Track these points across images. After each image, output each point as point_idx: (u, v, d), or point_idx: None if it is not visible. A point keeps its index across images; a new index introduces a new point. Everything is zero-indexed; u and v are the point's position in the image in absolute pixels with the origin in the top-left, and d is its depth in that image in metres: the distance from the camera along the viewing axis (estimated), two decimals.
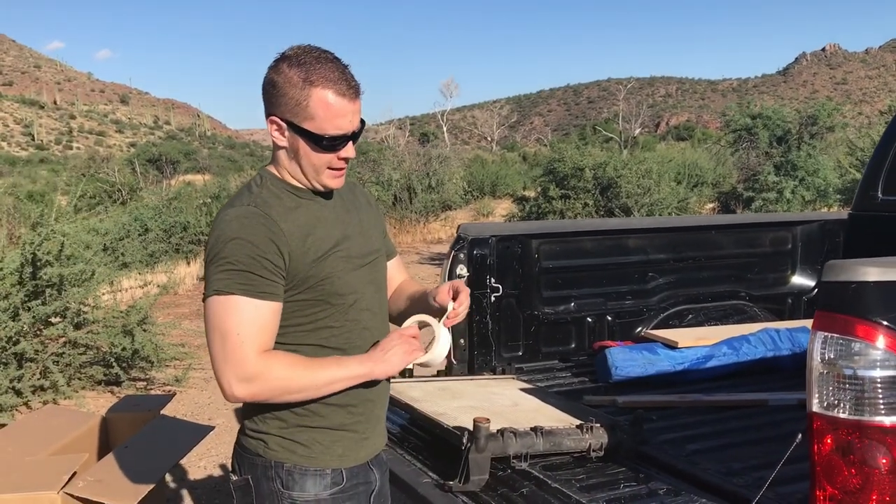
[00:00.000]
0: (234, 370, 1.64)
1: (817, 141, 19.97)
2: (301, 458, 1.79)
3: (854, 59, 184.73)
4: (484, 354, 3.54)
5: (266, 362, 1.66)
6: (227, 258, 1.66)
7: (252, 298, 1.66)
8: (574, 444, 2.47)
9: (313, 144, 1.74)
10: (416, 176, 20.53)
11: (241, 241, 1.66)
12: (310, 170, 1.78)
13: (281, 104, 1.73)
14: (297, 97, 1.70)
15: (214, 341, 1.67)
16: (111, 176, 23.17)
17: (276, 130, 1.76)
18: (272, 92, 1.73)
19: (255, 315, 1.66)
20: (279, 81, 1.72)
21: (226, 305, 1.65)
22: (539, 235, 3.73)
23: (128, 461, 3.25)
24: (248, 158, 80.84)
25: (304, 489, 1.79)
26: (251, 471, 1.81)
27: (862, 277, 1.74)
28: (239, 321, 1.65)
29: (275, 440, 1.79)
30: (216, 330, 1.66)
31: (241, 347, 1.64)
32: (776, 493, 2.07)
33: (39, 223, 6.65)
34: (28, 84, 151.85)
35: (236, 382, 1.65)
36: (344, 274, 1.80)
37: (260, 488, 1.80)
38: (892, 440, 1.71)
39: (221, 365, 1.65)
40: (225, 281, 1.65)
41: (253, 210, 1.72)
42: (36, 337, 6.37)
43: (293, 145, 1.76)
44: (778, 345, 3.47)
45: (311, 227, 1.79)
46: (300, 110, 1.71)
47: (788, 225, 4.30)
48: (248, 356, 1.64)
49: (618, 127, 69.76)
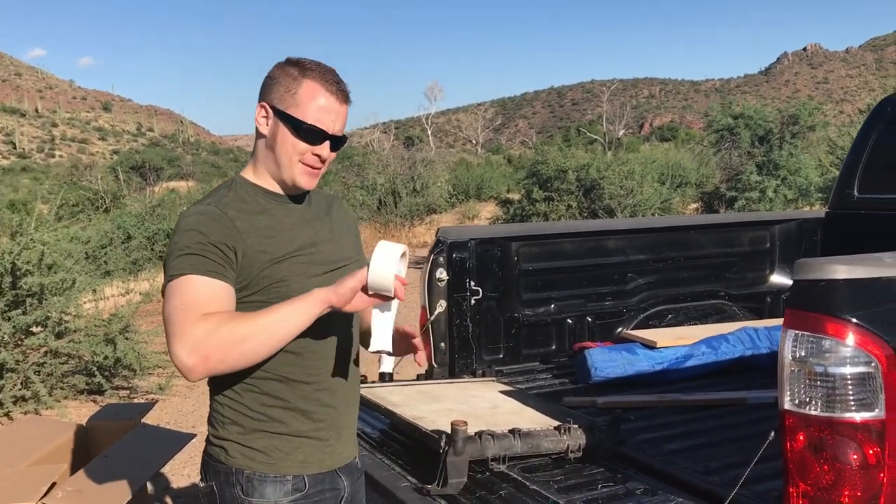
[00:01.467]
0: (182, 338, 1.58)
1: (799, 140, 20.10)
2: (260, 464, 1.78)
3: (835, 58, 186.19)
4: (464, 357, 3.54)
5: (206, 319, 1.60)
6: (179, 246, 1.69)
7: (201, 276, 1.66)
8: (552, 445, 2.48)
9: (293, 130, 1.78)
10: (400, 180, 20.54)
11: (194, 232, 1.70)
12: (284, 159, 1.81)
13: (273, 92, 1.81)
14: (288, 85, 1.79)
15: (166, 322, 1.63)
16: (94, 184, 23.09)
17: (263, 116, 1.82)
18: (268, 83, 1.82)
19: (203, 289, 1.65)
20: (277, 73, 1.82)
21: (177, 286, 1.65)
22: (518, 238, 3.74)
23: (108, 470, 3.23)
24: (232, 164, 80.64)
25: (264, 496, 1.78)
26: (215, 477, 1.81)
27: (831, 275, 1.76)
28: (186, 295, 1.63)
29: (234, 447, 1.79)
30: (166, 312, 1.64)
31: (186, 315, 1.60)
32: (751, 491, 2.08)
33: (19, 232, 6.60)
34: (9, 92, 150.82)
35: (185, 347, 1.57)
36: (302, 279, 1.78)
37: (223, 495, 1.80)
38: (863, 436, 1.73)
39: (172, 339, 1.59)
40: (177, 267, 1.67)
41: (211, 209, 1.76)
42: (16, 347, 6.32)
43: (273, 131, 1.81)
44: (756, 343, 3.49)
45: (271, 230, 1.80)
46: (288, 97, 1.79)
47: (766, 224, 4.33)
48: (192, 319, 1.60)
49: (602, 128, 70.11)
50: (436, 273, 3.44)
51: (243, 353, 1.63)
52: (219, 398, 1.81)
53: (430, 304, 3.44)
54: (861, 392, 1.73)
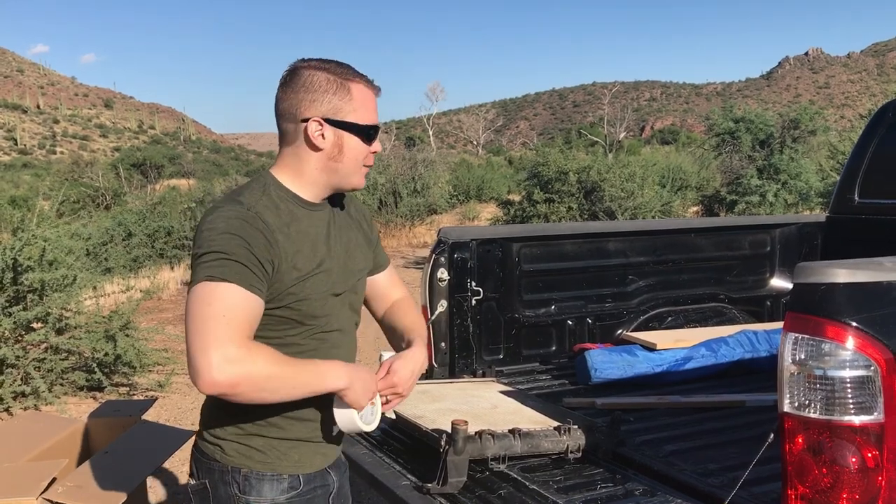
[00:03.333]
0: (219, 350, 1.53)
1: (800, 144, 20.12)
2: (257, 463, 1.79)
3: (836, 63, 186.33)
4: (465, 357, 3.55)
5: (251, 347, 1.58)
6: (222, 250, 1.62)
7: (244, 289, 1.61)
8: (552, 445, 2.49)
9: (360, 135, 1.77)
10: (401, 180, 20.54)
11: (238, 238, 1.64)
12: (350, 168, 1.79)
13: (320, 103, 1.74)
14: (337, 93, 1.74)
15: (199, 324, 1.56)
16: (95, 181, 23.09)
17: (318, 132, 1.75)
18: (306, 97, 1.74)
19: (246, 304, 1.61)
20: (310, 84, 1.74)
21: (217, 290, 1.58)
22: (519, 239, 3.75)
23: (108, 466, 3.24)
24: (233, 163, 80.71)
25: (261, 494, 1.79)
26: (208, 475, 1.81)
27: (831, 279, 1.77)
28: (228, 306, 1.58)
29: (231, 446, 1.80)
30: (202, 313, 1.56)
31: (229, 328, 1.55)
32: (750, 493, 2.09)
33: (20, 228, 6.60)
34: (11, 88, 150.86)
35: (220, 363, 1.52)
36: (322, 297, 1.78)
37: (217, 492, 1.80)
38: (862, 439, 1.74)
39: (205, 346, 1.53)
40: (219, 269, 1.60)
41: (252, 214, 1.69)
42: (17, 342, 6.32)
43: (336, 143, 1.76)
44: (756, 346, 3.50)
45: (300, 243, 1.76)
46: (343, 105, 1.75)
47: (767, 228, 4.34)
48: (235, 337, 1.55)
49: (603, 131, 70.10)
50: (437, 273, 3.45)
51: (263, 395, 1.62)
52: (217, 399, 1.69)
53: (430, 304, 3.45)
54: (860, 395, 1.74)
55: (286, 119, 1.78)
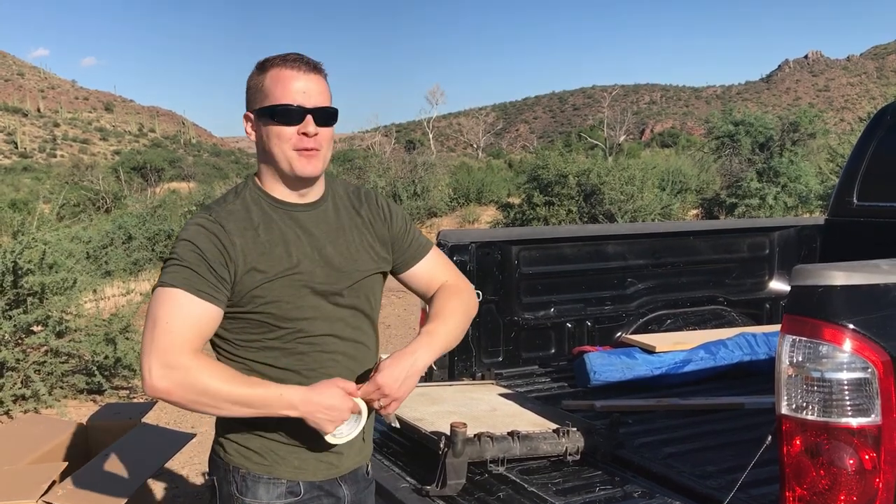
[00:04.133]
0: (157, 357, 1.60)
1: (799, 147, 20.16)
2: (255, 465, 1.79)
3: (836, 66, 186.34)
4: (464, 360, 3.55)
5: (191, 359, 1.62)
6: (175, 257, 1.69)
7: (190, 294, 1.66)
8: (550, 448, 2.49)
9: (269, 119, 1.73)
10: (401, 183, 20.57)
11: (192, 245, 1.69)
12: (276, 151, 1.75)
13: (248, 100, 1.79)
14: (255, 84, 1.77)
15: (147, 329, 1.65)
16: (95, 184, 23.10)
17: (249, 126, 1.81)
18: (246, 95, 1.81)
19: (190, 310, 1.66)
20: (248, 82, 1.80)
21: (165, 296, 1.66)
22: (519, 241, 3.75)
23: (107, 469, 3.25)
24: (233, 166, 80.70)
25: (256, 496, 1.78)
26: (216, 472, 1.85)
27: (829, 281, 1.77)
28: (172, 312, 1.64)
29: (232, 445, 1.81)
30: (150, 318, 1.65)
31: (169, 335, 1.62)
32: (748, 495, 2.10)
33: (20, 231, 6.61)
34: (11, 92, 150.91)
35: (157, 369, 1.59)
36: (296, 298, 1.75)
37: (221, 490, 1.83)
38: (859, 441, 1.74)
39: (146, 350, 1.62)
40: (170, 275, 1.68)
41: (211, 222, 1.73)
42: (17, 346, 6.33)
43: (260, 134, 1.77)
44: (755, 349, 3.50)
45: (270, 244, 1.75)
46: (258, 94, 1.76)
47: (766, 230, 4.34)
48: (174, 345, 1.61)
49: (603, 134, 70.12)
50: None
51: (200, 406, 1.64)
52: None
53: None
54: (858, 397, 1.74)
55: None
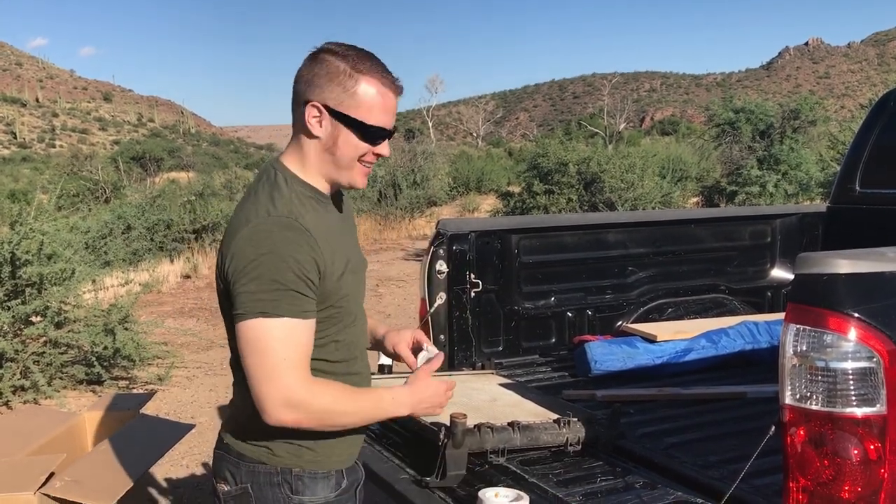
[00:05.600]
0: (280, 395, 1.59)
1: (800, 135, 20.09)
2: (308, 462, 1.77)
3: (837, 53, 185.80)
4: (464, 350, 3.54)
5: (311, 389, 1.64)
6: (273, 277, 1.58)
7: (298, 319, 1.61)
8: (551, 438, 2.47)
9: (357, 133, 1.68)
10: (401, 172, 20.51)
11: (287, 259, 1.60)
12: (343, 162, 1.71)
13: (324, 90, 1.66)
14: (344, 83, 1.66)
15: (259, 364, 1.60)
16: (94, 174, 23.04)
17: (315, 117, 1.68)
18: (313, 79, 1.67)
19: (300, 336, 1.63)
20: (322, 69, 1.67)
21: (273, 328, 1.59)
22: (519, 230, 3.73)
23: (106, 460, 3.23)
24: (232, 156, 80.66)
25: (315, 493, 1.77)
26: (251, 478, 1.76)
27: (833, 269, 1.75)
28: (286, 344, 1.60)
29: (281, 446, 1.75)
30: (263, 352, 1.59)
31: (289, 373, 1.60)
32: (751, 486, 2.08)
33: (18, 221, 6.58)
34: (9, 82, 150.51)
35: (282, 408, 1.60)
36: (355, 292, 1.81)
37: (263, 495, 1.75)
38: (864, 431, 1.72)
39: (266, 388, 1.59)
40: (272, 303, 1.59)
41: (291, 222, 1.64)
42: (16, 336, 6.32)
43: (332, 134, 1.69)
44: (757, 337, 3.48)
45: (332, 239, 1.73)
46: (346, 97, 1.66)
47: (767, 218, 4.32)
48: (295, 382, 1.61)
49: (603, 122, 70.04)
50: (436, 265, 3.43)
51: (322, 427, 1.70)
52: None
53: (429, 296, 3.44)
54: (862, 387, 1.72)
55: (294, 101, 1.72)
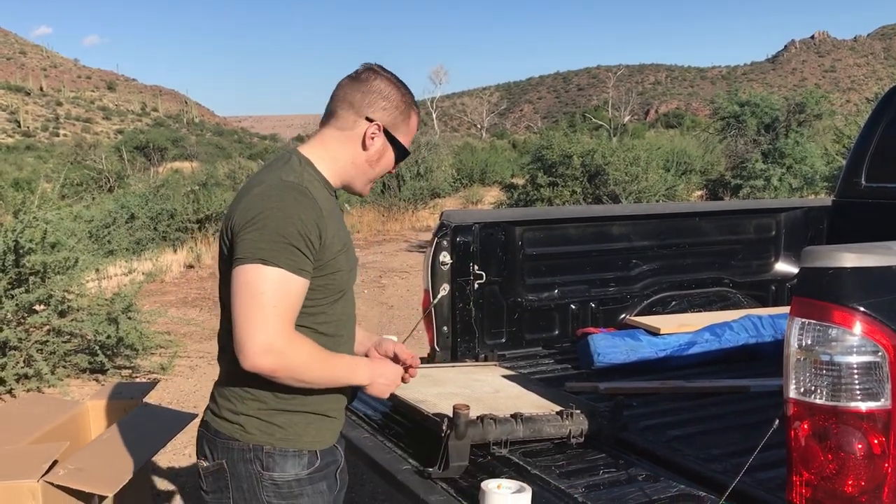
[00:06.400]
0: (263, 339, 1.67)
1: (805, 129, 20.03)
2: (279, 440, 1.84)
3: (843, 46, 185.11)
4: (467, 341, 3.53)
5: (293, 340, 1.72)
6: (276, 229, 1.70)
7: (293, 274, 1.71)
8: (554, 430, 2.48)
9: (398, 155, 1.97)
10: (404, 163, 20.48)
11: (292, 216, 1.72)
12: (374, 174, 1.97)
13: (387, 114, 1.92)
14: (404, 113, 1.94)
15: (248, 306, 1.68)
16: (98, 163, 23.04)
17: (374, 134, 1.91)
18: (381, 102, 1.91)
19: (292, 290, 1.72)
20: (392, 95, 1.92)
21: (268, 275, 1.69)
22: (522, 222, 3.72)
23: (110, 449, 3.23)
24: (236, 145, 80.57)
25: (285, 470, 1.84)
26: (225, 454, 1.84)
27: (839, 263, 1.74)
28: (277, 293, 1.69)
29: (253, 423, 1.83)
30: (254, 296, 1.68)
31: (276, 319, 1.68)
32: (755, 479, 2.08)
33: (22, 210, 6.58)
34: (13, 70, 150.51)
35: (262, 352, 1.67)
36: (348, 273, 1.92)
37: (236, 471, 1.84)
38: (868, 426, 1.72)
39: (251, 330, 1.67)
40: (271, 252, 1.69)
41: (302, 188, 1.78)
42: (19, 325, 6.33)
43: (380, 150, 1.93)
44: (760, 331, 3.48)
45: (335, 221, 1.88)
46: (402, 125, 1.95)
47: (772, 212, 4.31)
48: (280, 328, 1.69)
49: (607, 114, 69.84)
50: (439, 256, 3.43)
51: (296, 383, 1.78)
52: (239, 376, 1.78)
53: (433, 287, 3.43)
54: (867, 381, 1.72)
55: (351, 108, 1.90)
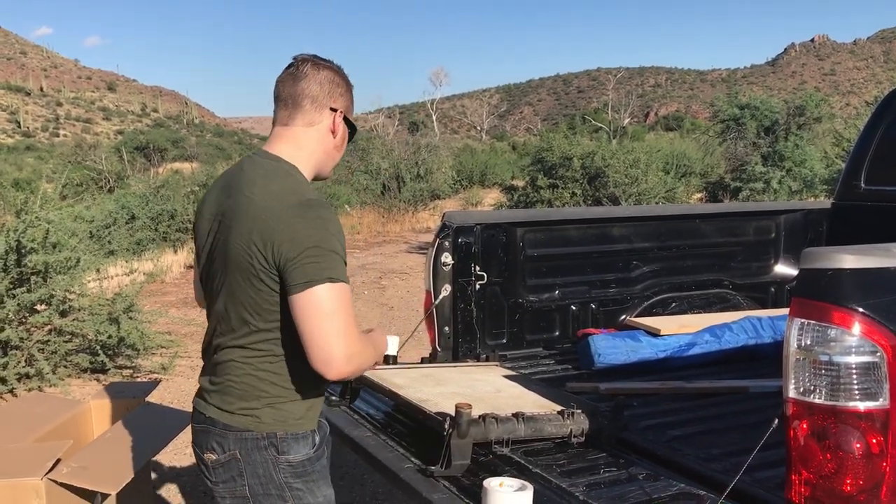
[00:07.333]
0: (346, 350, 1.82)
1: (805, 131, 20.05)
2: (291, 426, 1.98)
3: (843, 49, 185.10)
4: (468, 342, 3.55)
5: (362, 340, 1.92)
6: (332, 249, 1.85)
7: (347, 284, 1.88)
8: (555, 429, 2.49)
9: (351, 134, 2.13)
10: (404, 165, 20.52)
11: (337, 234, 1.88)
12: (338, 157, 2.12)
13: (342, 101, 2.06)
14: (350, 95, 2.10)
15: (327, 324, 1.80)
16: (98, 163, 23.07)
17: (339, 122, 2.06)
18: (336, 90, 2.04)
19: (351, 298, 1.90)
20: (342, 82, 2.07)
21: (337, 292, 1.83)
22: (524, 223, 3.74)
23: (112, 448, 3.25)
24: (236, 146, 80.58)
25: (298, 451, 1.98)
26: (239, 445, 1.96)
27: (838, 264, 1.76)
28: (347, 305, 1.85)
29: (267, 414, 1.96)
30: (332, 314, 1.81)
31: (352, 329, 1.85)
32: (753, 478, 2.09)
33: (24, 210, 6.60)
34: (14, 70, 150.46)
35: (347, 361, 1.82)
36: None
37: (251, 458, 1.96)
38: (867, 425, 1.73)
39: (334, 345, 1.80)
40: (334, 270, 1.84)
41: (327, 203, 1.97)
42: (21, 324, 6.34)
43: (343, 136, 2.09)
44: (760, 332, 3.50)
45: None
46: (350, 106, 2.10)
47: (772, 214, 4.33)
48: (356, 336, 1.86)
49: (607, 117, 69.88)
50: (441, 257, 3.45)
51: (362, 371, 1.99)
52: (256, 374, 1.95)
53: (434, 288, 3.45)
54: (866, 381, 1.73)
55: (314, 102, 2.00)
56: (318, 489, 2.03)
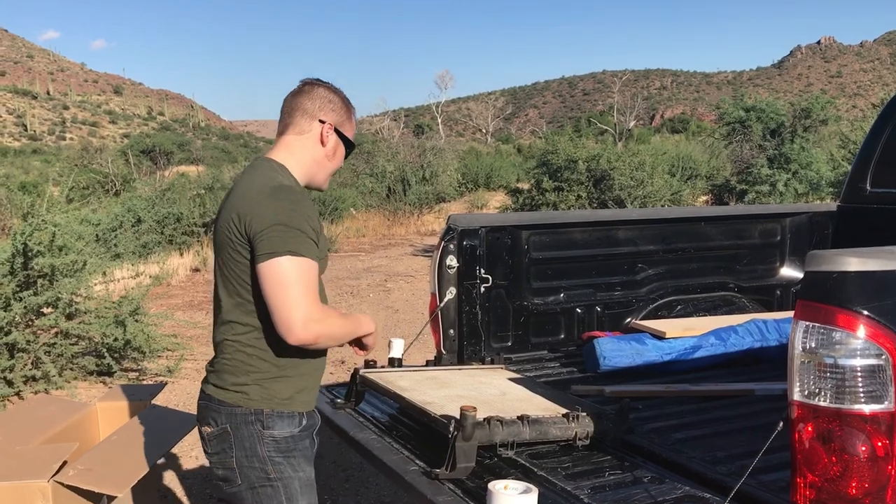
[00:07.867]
0: (305, 316, 1.99)
1: (811, 134, 20.00)
2: (277, 404, 2.16)
3: (849, 52, 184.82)
4: (473, 344, 3.55)
5: (323, 311, 2.07)
6: (299, 227, 2.04)
7: (312, 260, 2.06)
8: (560, 432, 2.49)
9: (347, 149, 2.33)
10: (410, 168, 20.55)
11: (306, 217, 2.07)
12: (332, 169, 2.32)
13: (335, 115, 2.27)
14: (346, 114, 2.31)
15: (286, 291, 1.99)
16: (104, 167, 23.15)
17: (328, 132, 2.26)
18: (328, 105, 2.26)
19: (313, 272, 2.07)
20: (336, 99, 2.28)
21: (299, 264, 2.02)
22: (529, 226, 3.74)
23: (118, 450, 3.26)
24: (242, 150, 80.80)
25: (282, 428, 2.16)
26: (229, 419, 2.15)
27: (843, 267, 1.76)
28: (308, 277, 2.03)
29: (255, 390, 2.15)
30: (290, 283, 2.00)
31: (310, 297, 2.02)
32: (759, 481, 2.09)
33: (30, 213, 6.63)
34: (21, 74, 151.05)
35: (304, 323, 1.99)
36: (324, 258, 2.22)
37: (239, 432, 2.14)
38: (872, 428, 1.73)
39: (292, 310, 1.98)
40: (296, 245, 2.02)
41: (301, 189, 2.20)
42: (28, 327, 6.36)
43: (334, 148, 2.28)
44: (765, 335, 3.49)
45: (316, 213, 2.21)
46: (347, 124, 2.31)
47: (777, 217, 4.32)
48: (314, 303, 2.03)
49: (613, 119, 69.84)
50: (446, 260, 3.45)
51: (329, 343, 2.14)
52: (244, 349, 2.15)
53: (440, 290, 3.46)
54: (871, 384, 1.73)
55: (305, 114, 2.24)
56: (299, 465, 2.19)
